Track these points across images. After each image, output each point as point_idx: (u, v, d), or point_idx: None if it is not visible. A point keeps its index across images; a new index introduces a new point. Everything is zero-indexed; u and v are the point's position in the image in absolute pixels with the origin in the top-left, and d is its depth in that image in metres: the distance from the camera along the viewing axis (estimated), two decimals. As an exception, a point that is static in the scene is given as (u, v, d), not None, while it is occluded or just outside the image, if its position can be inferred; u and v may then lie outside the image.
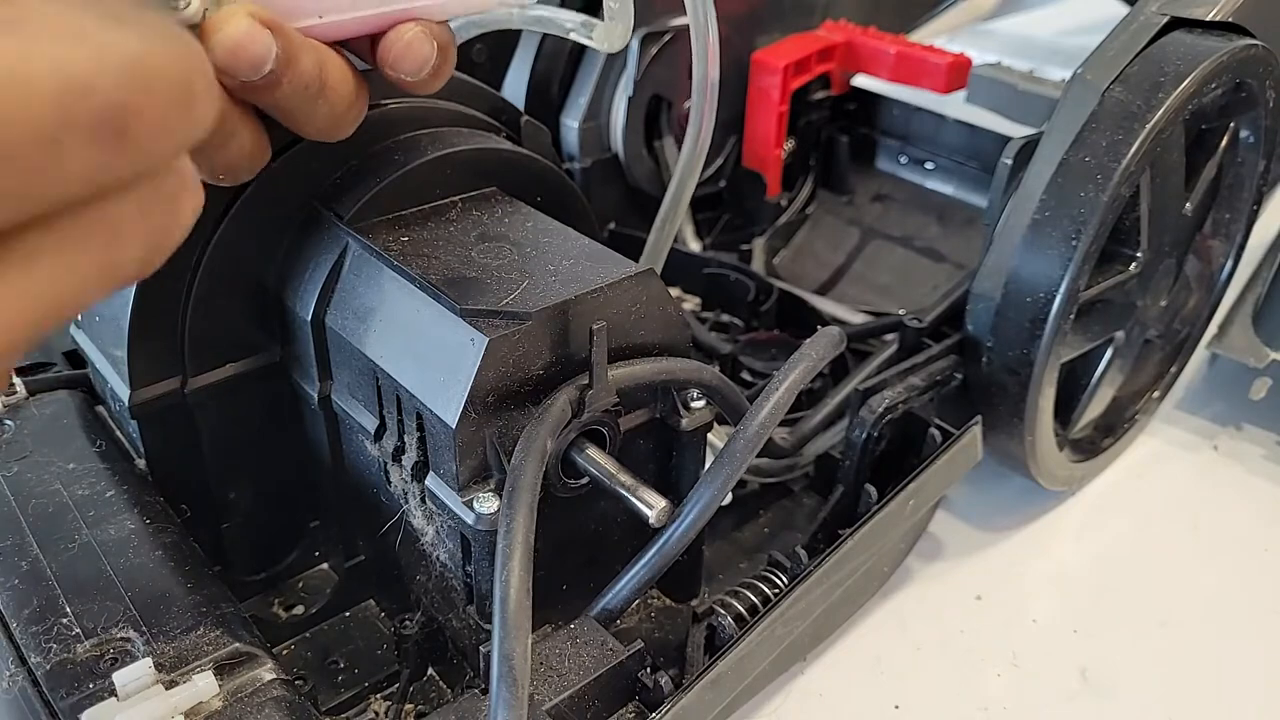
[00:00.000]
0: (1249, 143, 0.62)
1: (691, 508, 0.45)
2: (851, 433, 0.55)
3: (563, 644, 0.44)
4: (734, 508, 0.59)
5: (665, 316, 0.44)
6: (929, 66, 0.75)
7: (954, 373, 0.59)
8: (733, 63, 0.77)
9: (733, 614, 0.49)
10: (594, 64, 0.72)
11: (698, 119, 0.49)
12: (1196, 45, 0.54)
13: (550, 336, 0.41)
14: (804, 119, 0.81)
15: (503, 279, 0.42)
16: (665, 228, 0.52)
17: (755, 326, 0.72)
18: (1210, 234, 0.66)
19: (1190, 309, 0.68)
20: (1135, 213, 0.57)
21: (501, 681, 0.37)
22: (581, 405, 0.41)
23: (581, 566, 0.48)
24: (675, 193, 0.51)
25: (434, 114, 0.50)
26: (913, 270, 0.77)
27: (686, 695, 0.43)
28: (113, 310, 0.45)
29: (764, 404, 0.45)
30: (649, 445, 0.47)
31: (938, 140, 0.79)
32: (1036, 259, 0.53)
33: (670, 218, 0.52)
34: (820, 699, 0.53)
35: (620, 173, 0.75)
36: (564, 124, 0.73)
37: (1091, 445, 0.66)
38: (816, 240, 0.83)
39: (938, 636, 0.56)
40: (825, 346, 0.48)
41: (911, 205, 0.80)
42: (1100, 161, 0.52)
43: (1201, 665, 0.55)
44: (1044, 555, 0.62)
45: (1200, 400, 0.75)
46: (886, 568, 0.59)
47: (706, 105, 0.48)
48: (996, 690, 0.53)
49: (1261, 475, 0.69)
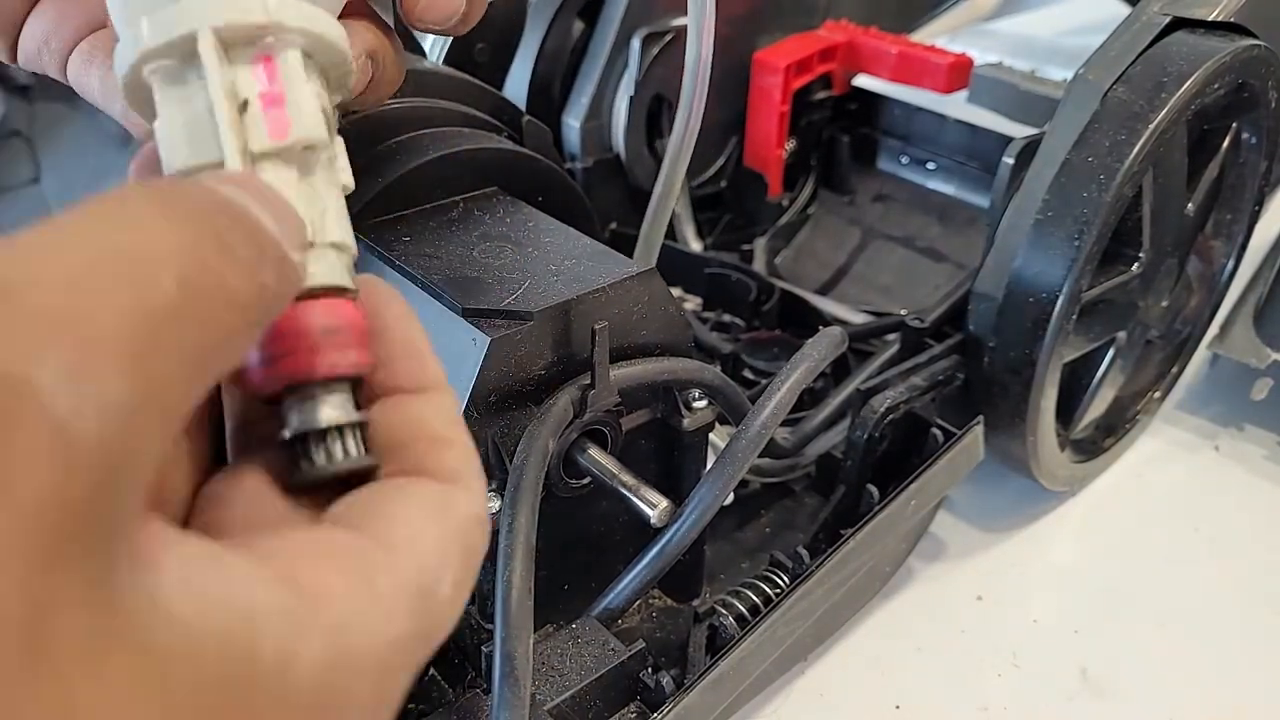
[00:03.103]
0: (1251, 143, 0.62)
1: (693, 508, 0.45)
2: (853, 433, 0.55)
3: (564, 644, 0.44)
4: (735, 507, 0.59)
5: (667, 316, 0.44)
6: (930, 66, 0.75)
7: (956, 373, 0.59)
8: (734, 63, 0.77)
9: (734, 614, 0.49)
10: (595, 63, 0.72)
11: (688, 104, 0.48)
12: (1199, 46, 0.54)
13: (552, 336, 0.41)
14: (805, 119, 0.81)
15: (504, 279, 0.42)
16: (657, 216, 0.52)
17: (757, 326, 0.72)
18: (1212, 234, 0.66)
19: (1192, 309, 0.68)
20: (1137, 213, 0.57)
21: (503, 681, 0.37)
22: (583, 405, 0.41)
23: (583, 566, 0.48)
24: (666, 179, 0.51)
25: (436, 114, 0.50)
26: (914, 270, 0.77)
27: (688, 695, 0.43)
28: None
29: (766, 404, 0.45)
30: (651, 445, 0.47)
31: (939, 140, 0.79)
32: (1039, 259, 0.53)
33: (662, 206, 0.52)
34: (821, 699, 0.53)
35: (622, 172, 0.75)
36: (565, 124, 0.73)
37: (1093, 445, 0.66)
38: (818, 240, 0.82)
39: (938, 636, 0.56)
40: (827, 346, 0.48)
41: (913, 205, 0.80)
42: (1103, 162, 0.52)
43: (1202, 665, 0.55)
44: (1044, 555, 0.62)
45: (1201, 400, 0.75)
46: (888, 568, 0.59)
47: (697, 88, 0.48)
48: (997, 690, 0.53)
49: (1262, 475, 0.69)
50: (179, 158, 0.23)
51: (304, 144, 0.23)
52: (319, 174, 0.24)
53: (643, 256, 0.53)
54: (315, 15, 0.24)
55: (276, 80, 0.23)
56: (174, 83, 0.23)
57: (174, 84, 0.23)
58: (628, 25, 0.71)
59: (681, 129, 0.49)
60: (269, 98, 0.23)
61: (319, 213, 0.23)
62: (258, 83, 0.23)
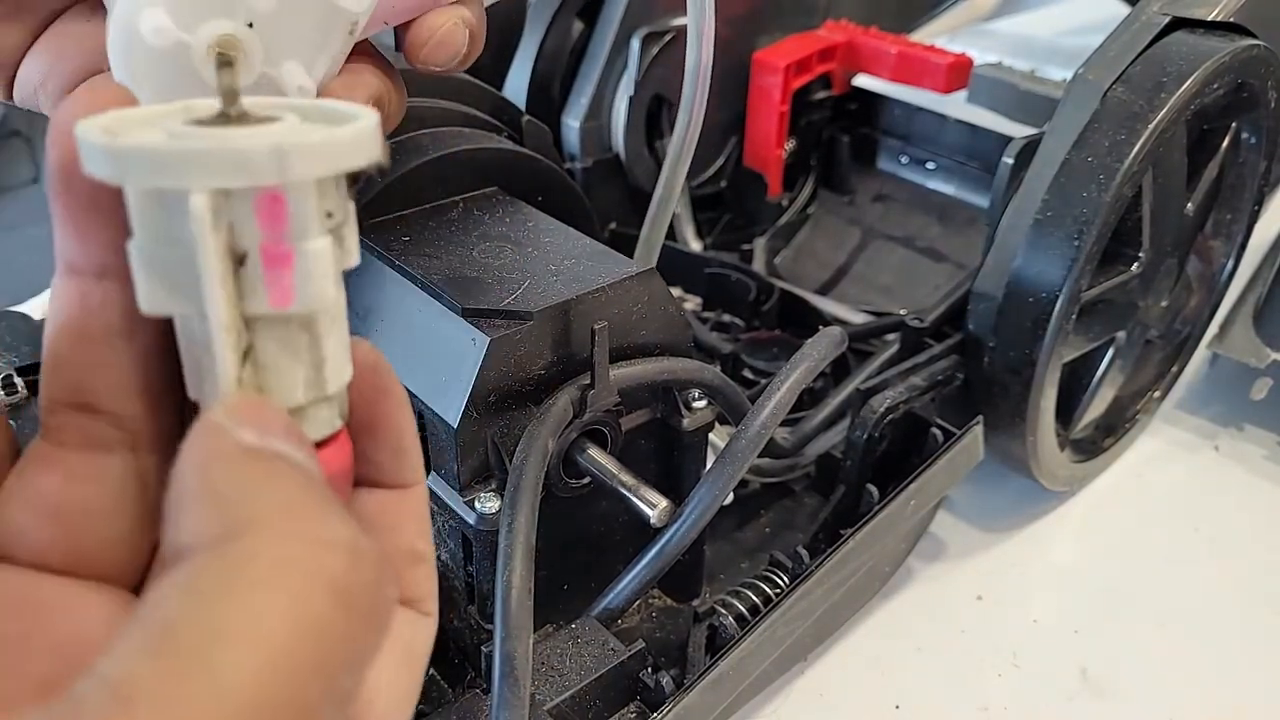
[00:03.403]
0: (1250, 143, 0.62)
1: (693, 507, 0.45)
2: (853, 433, 0.55)
3: (564, 644, 0.44)
4: (735, 507, 0.59)
5: (667, 316, 0.44)
6: (930, 66, 0.75)
7: (955, 373, 0.59)
8: (734, 63, 0.77)
9: (734, 614, 0.49)
10: (595, 63, 0.72)
11: (689, 104, 0.48)
12: (1198, 45, 0.54)
13: (552, 336, 0.41)
14: (805, 119, 0.81)
15: (504, 279, 0.42)
16: (658, 218, 0.52)
17: (756, 326, 0.72)
18: (1211, 234, 0.66)
19: (1191, 309, 0.68)
20: (1137, 213, 0.57)
21: (503, 681, 0.37)
22: (583, 405, 0.41)
23: (583, 566, 0.48)
24: (666, 182, 0.51)
25: (435, 114, 0.50)
26: (914, 270, 0.77)
27: (688, 695, 0.43)
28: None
29: (765, 404, 0.45)
30: (650, 445, 0.47)
31: (939, 140, 0.79)
32: (1039, 259, 0.53)
33: (662, 209, 0.52)
34: (821, 699, 0.53)
35: (621, 172, 0.75)
36: (565, 124, 0.73)
37: (1092, 445, 0.66)
38: (818, 240, 0.83)
39: (938, 636, 0.56)
40: (827, 346, 0.48)
41: (913, 205, 0.80)
42: (1103, 161, 0.52)
43: (1202, 665, 0.55)
44: (1044, 555, 0.62)
45: (1201, 400, 0.75)
46: (888, 568, 0.59)
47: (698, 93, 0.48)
48: (997, 690, 0.53)
49: (1262, 475, 0.69)
50: (155, 299, 0.19)
51: (309, 313, 0.20)
52: (322, 320, 0.20)
53: (643, 258, 0.53)
54: (335, 141, 0.19)
55: (282, 230, 0.19)
56: (156, 205, 0.19)
57: (157, 206, 0.19)
58: (627, 25, 0.71)
59: (682, 133, 0.49)
60: (272, 255, 0.19)
61: (316, 365, 0.20)
62: (260, 232, 0.19)
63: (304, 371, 0.20)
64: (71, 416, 0.21)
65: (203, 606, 0.16)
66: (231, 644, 0.15)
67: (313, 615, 0.16)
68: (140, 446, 0.21)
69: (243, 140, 0.18)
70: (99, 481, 0.21)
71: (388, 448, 0.23)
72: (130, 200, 0.19)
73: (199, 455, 0.18)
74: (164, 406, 0.21)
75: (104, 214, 0.20)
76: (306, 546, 0.17)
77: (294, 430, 0.19)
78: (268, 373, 0.20)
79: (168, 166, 0.18)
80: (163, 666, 0.15)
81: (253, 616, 0.16)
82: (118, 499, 0.21)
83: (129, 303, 0.20)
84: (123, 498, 0.21)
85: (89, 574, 0.21)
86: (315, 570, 0.17)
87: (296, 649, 0.16)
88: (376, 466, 0.23)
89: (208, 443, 0.18)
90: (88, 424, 0.21)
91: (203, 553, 0.17)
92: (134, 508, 0.21)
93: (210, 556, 0.16)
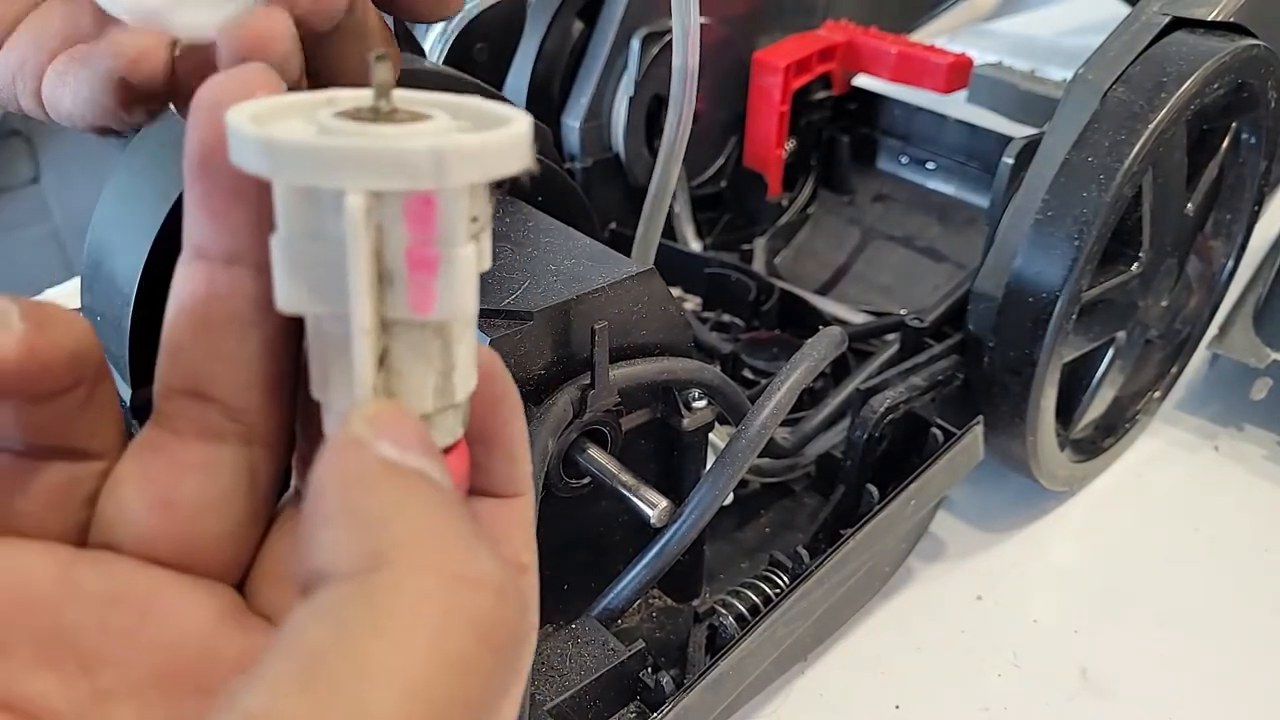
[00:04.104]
0: (1250, 143, 0.62)
1: (693, 507, 0.45)
2: (853, 433, 0.55)
3: (564, 644, 0.44)
4: (735, 507, 0.59)
5: (667, 316, 0.44)
6: (930, 66, 0.75)
7: (955, 373, 0.59)
8: (734, 63, 0.77)
9: (734, 614, 0.49)
10: (595, 63, 0.72)
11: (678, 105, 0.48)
12: (1198, 45, 0.54)
13: (552, 336, 0.41)
14: (805, 119, 0.81)
15: (504, 279, 0.42)
16: (652, 217, 0.52)
17: (756, 326, 0.72)
18: (1211, 234, 0.66)
19: (1191, 309, 0.68)
20: (1137, 213, 0.57)
21: (503, 681, 0.37)
22: (583, 405, 0.41)
23: (583, 566, 0.48)
24: (659, 181, 0.51)
25: (435, 113, 0.50)
26: (914, 270, 0.77)
27: (688, 695, 0.43)
28: (114, 310, 0.45)
29: (765, 404, 0.45)
30: (650, 445, 0.47)
31: (939, 140, 0.79)
32: (1039, 259, 0.53)
33: (656, 207, 0.52)
34: (821, 699, 0.53)
35: (621, 173, 0.75)
36: (565, 124, 0.73)
37: (1092, 445, 0.66)
38: (817, 240, 0.83)
39: (938, 636, 0.56)
40: (827, 346, 0.48)
41: (913, 205, 0.80)
42: (1103, 161, 0.52)
43: (1202, 665, 0.55)
44: (1044, 555, 0.62)
45: (1201, 400, 0.75)
46: (888, 568, 0.59)
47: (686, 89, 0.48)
48: (997, 690, 0.53)
49: (1262, 475, 0.69)
50: (295, 297, 0.19)
51: (447, 322, 0.19)
52: (456, 325, 0.20)
53: (639, 257, 0.53)
54: (492, 146, 0.18)
55: (430, 234, 0.18)
56: (306, 201, 0.18)
57: (306, 202, 0.18)
58: (627, 25, 0.71)
59: (673, 132, 0.49)
60: (417, 259, 0.18)
61: (446, 372, 0.20)
62: (407, 235, 0.18)
63: (434, 379, 0.20)
64: (187, 404, 0.20)
65: (347, 641, 0.15)
66: (378, 682, 0.15)
67: (457, 654, 0.16)
68: (254, 440, 0.21)
69: (401, 140, 0.17)
70: (211, 473, 0.20)
71: (502, 456, 0.22)
72: (278, 194, 0.18)
73: (339, 471, 0.17)
74: (281, 401, 0.21)
75: (243, 202, 0.19)
76: (452, 582, 0.17)
77: (429, 444, 0.19)
78: (400, 378, 0.19)
79: (325, 165, 0.17)
80: (309, 702, 0.15)
81: (399, 654, 0.15)
82: (228, 492, 0.21)
83: (258, 292, 0.20)
84: (234, 491, 0.21)
85: (195, 568, 0.20)
86: (461, 607, 0.16)
87: (441, 688, 0.16)
88: (488, 475, 0.22)
89: (348, 457, 0.18)
90: (203, 412, 0.20)
91: (345, 582, 0.16)
92: (244, 502, 0.21)
93: (353, 586, 0.16)
